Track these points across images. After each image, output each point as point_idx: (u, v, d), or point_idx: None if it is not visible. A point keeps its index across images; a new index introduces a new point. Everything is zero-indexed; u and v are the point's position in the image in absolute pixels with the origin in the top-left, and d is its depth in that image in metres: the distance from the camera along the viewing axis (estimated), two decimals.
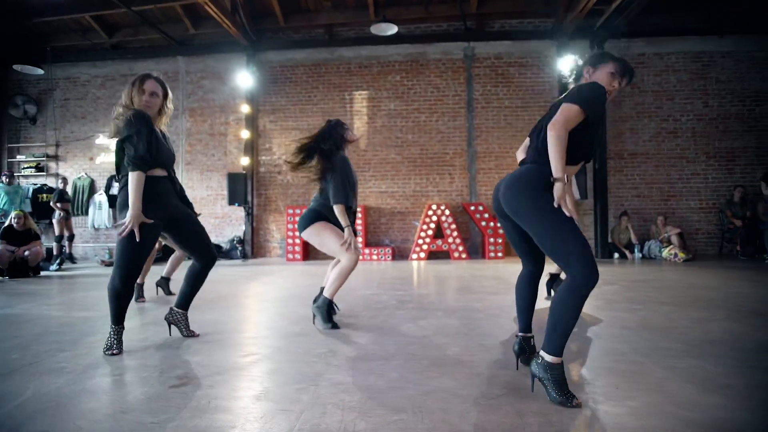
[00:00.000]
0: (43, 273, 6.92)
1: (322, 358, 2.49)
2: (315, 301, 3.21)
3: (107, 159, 9.40)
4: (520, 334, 2.23)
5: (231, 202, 8.60)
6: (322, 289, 3.27)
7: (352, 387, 2.07)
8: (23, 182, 9.42)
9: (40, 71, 8.84)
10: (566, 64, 8.33)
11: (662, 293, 4.35)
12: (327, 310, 3.12)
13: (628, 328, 2.98)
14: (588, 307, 3.66)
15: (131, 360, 2.45)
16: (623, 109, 8.67)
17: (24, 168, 9.58)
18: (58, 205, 8.31)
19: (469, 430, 1.62)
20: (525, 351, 2.20)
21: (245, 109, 8.92)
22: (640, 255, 7.95)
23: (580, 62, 2.32)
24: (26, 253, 6.57)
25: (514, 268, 6.48)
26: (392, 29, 8.01)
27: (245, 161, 8.89)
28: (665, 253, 7.60)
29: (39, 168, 9.58)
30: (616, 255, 8.03)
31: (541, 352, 1.82)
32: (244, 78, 8.77)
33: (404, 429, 1.65)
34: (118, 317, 2.55)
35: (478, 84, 8.86)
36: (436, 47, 8.89)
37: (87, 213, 9.39)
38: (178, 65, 9.32)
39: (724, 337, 2.79)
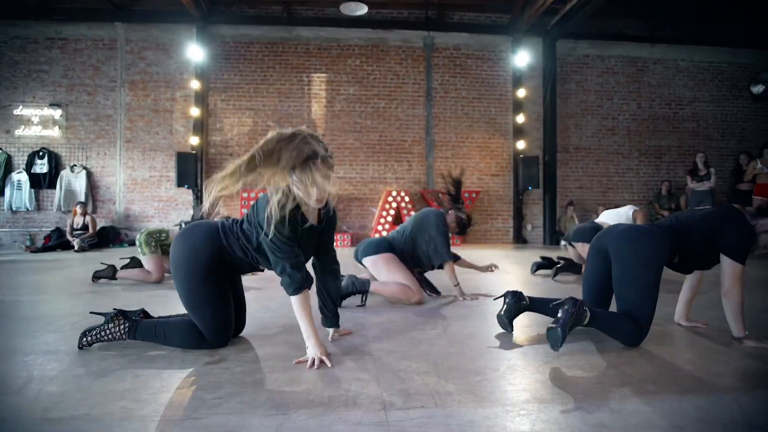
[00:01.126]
0: None
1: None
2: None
3: (29, 132, 8.32)
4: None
5: (180, 184, 7.99)
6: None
7: (410, 354, 2.02)
8: None
9: None
10: (520, 59, 8.71)
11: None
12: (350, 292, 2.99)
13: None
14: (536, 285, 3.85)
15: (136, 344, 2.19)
16: (569, 105, 9.23)
17: None
18: None
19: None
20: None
21: (195, 85, 8.31)
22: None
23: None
24: None
25: (471, 252, 6.70)
26: (362, 9, 7.86)
27: (194, 141, 8.30)
28: None
29: None
30: (563, 242, 8.56)
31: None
32: (195, 51, 8.17)
33: (494, 388, 1.63)
34: None
35: (437, 74, 8.97)
36: (396, 34, 8.86)
37: (2, 194, 8.27)
38: (116, 32, 8.45)
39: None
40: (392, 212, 8.35)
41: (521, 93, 8.83)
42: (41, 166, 8.32)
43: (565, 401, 1.52)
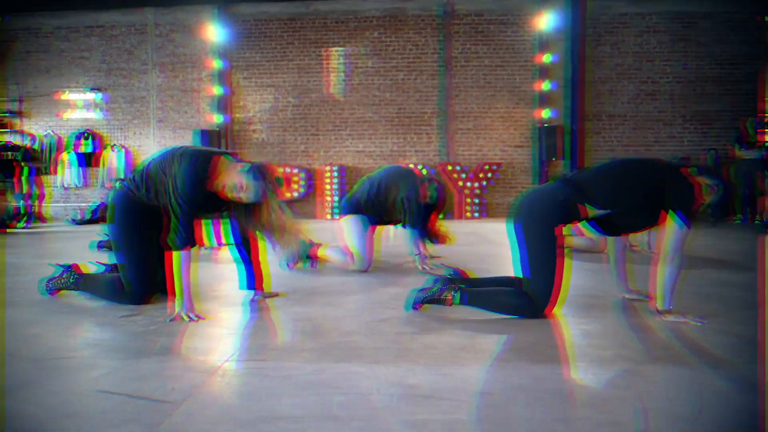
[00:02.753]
0: (9, 231, 6.71)
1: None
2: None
3: (75, 116, 9.04)
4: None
5: None
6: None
7: (310, 317, 2.06)
8: None
9: None
10: (546, 22, 8.20)
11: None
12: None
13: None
14: None
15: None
16: (603, 70, 8.59)
17: None
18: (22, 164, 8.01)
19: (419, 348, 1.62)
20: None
21: (217, 64, 8.60)
22: None
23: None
24: None
25: (493, 226, 6.54)
26: None
27: (218, 119, 8.64)
28: None
29: (2, 125, 9.16)
30: None
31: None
32: (215, 32, 8.42)
33: (352, 348, 1.64)
34: None
35: (457, 42, 8.65)
36: (415, 2, 8.60)
37: (55, 172, 9.09)
38: (146, 17, 8.88)
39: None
40: None
41: (547, 58, 8.34)
42: (86, 146, 9.03)
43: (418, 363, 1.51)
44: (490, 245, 4.15)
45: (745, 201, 7.43)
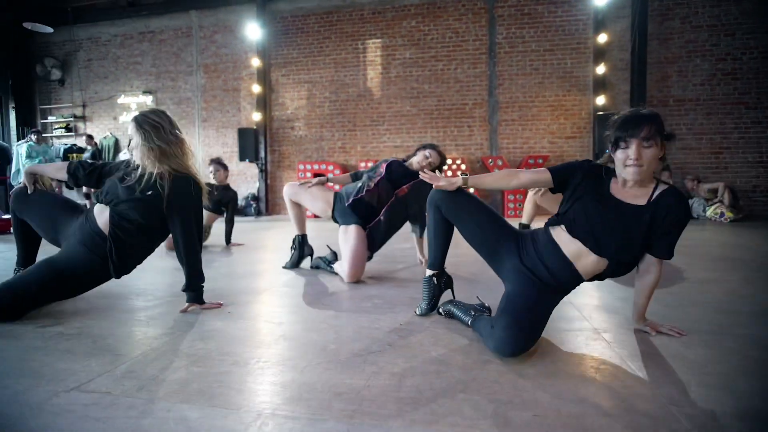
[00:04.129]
0: None
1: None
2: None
3: (129, 118, 9.53)
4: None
5: (242, 158, 8.50)
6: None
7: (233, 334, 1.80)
8: (56, 142, 9.81)
9: (50, 29, 8.91)
10: None
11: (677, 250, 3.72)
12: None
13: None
14: None
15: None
16: (670, 48, 7.56)
17: (55, 129, 9.95)
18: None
19: None
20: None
21: (256, 62, 8.65)
22: None
23: None
24: None
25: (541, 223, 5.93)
26: None
27: (257, 117, 8.70)
28: (710, 212, 6.70)
29: (68, 128, 9.91)
30: None
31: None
32: (254, 30, 8.47)
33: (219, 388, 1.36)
34: None
35: (501, 27, 8.03)
36: None
37: None
38: (191, 20, 9.15)
39: (722, 298, 2.26)
40: None
41: (603, 38, 7.48)
42: None
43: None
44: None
45: None
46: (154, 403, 1.20)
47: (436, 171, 3.19)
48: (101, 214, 2.11)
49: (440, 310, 1.95)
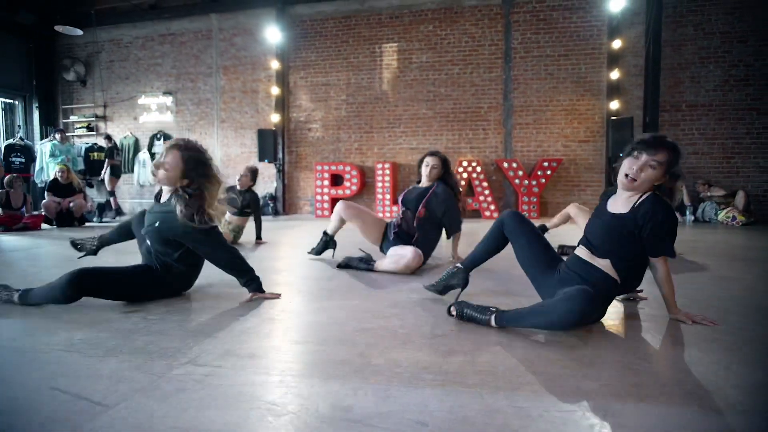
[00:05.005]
0: (87, 224, 7.35)
1: (278, 303, 2.43)
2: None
3: (149, 119, 9.75)
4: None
5: (261, 159, 8.68)
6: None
7: (290, 323, 1.98)
8: (77, 141, 10.03)
9: (80, 32, 9.12)
10: (617, 4, 7.51)
11: (695, 252, 3.88)
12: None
13: None
14: None
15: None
16: (684, 55, 7.70)
17: (77, 128, 10.16)
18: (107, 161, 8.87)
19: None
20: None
21: (275, 65, 8.84)
22: (692, 218, 7.21)
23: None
24: (71, 204, 7.01)
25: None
26: None
27: (275, 118, 8.88)
28: (722, 215, 6.84)
29: (90, 128, 10.12)
30: None
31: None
32: (274, 33, 8.66)
33: (314, 361, 1.54)
34: None
35: (516, 32, 8.19)
36: None
37: (133, 171, 9.87)
38: (211, 23, 9.35)
39: (743, 294, 2.42)
40: (462, 183, 7.97)
41: (617, 44, 7.63)
42: (159, 147, 9.70)
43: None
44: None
45: None
46: (257, 374, 1.38)
47: (443, 171, 3.45)
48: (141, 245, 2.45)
49: (452, 311, 1.95)
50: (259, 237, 4.78)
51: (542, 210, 7.98)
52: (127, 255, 3.07)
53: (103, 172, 8.99)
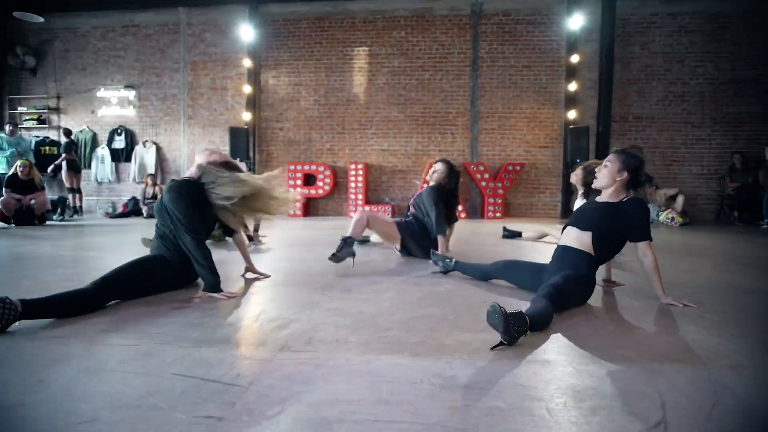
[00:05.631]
0: (48, 223, 7.01)
1: (319, 291, 2.61)
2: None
3: (109, 112, 9.37)
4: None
5: (233, 157, 8.59)
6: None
7: (346, 312, 2.18)
8: (25, 134, 9.43)
9: (41, 19, 8.64)
10: (575, 22, 8.16)
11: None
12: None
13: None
14: None
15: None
16: (631, 71, 8.50)
17: (26, 120, 9.56)
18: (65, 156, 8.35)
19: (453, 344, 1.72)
20: None
21: (247, 63, 8.80)
22: None
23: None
24: (32, 201, 6.67)
25: (515, 226, 6.55)
26: None
27: (247, 116, 8.84)
28: (662, 216, 7.64)
29: (41, 120, 9.56)
30: None
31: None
32: (246, 31, 8.62)
33: (391, 342, 1.75)
34: None
35: (484, 42, 8.67)
36: (443, 2, 8.65)
37: (90, 167, 9.43)
38: (180, 17, 9.13)
39: (708, 283, 2.88)
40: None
41: (575, 59, 8.30)
42: (119, 142, 9.36)
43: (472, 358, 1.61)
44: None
45: None
46: (366, 354, 1.60)
47: (447, 176, 3.82)
48: None
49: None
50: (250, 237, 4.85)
51: (506, 210, 8.50)
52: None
53: (51, 168, 8.36)
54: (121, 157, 9.35)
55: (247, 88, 8.84)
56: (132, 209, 8.64)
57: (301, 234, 5.84)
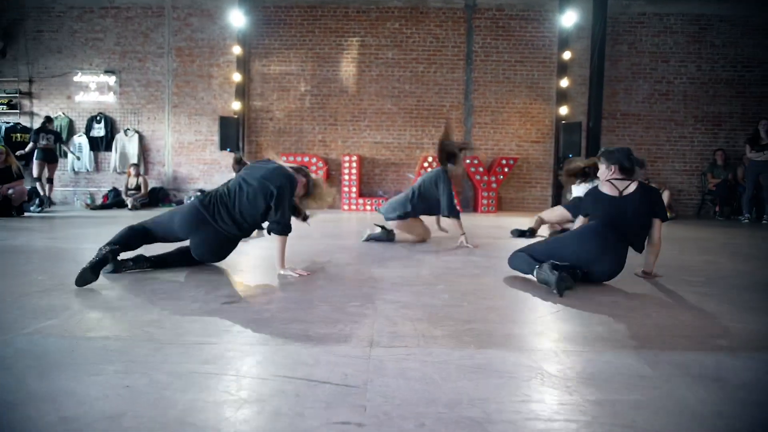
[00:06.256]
0: (26, 214, 6.60)
1: (366, 283, 2.55)
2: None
3: (87, 98, 8.89)
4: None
5: (222, 148, 8.33)
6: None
7: (410, 305, 2.13)
8: None
9: None
10: (567, 19, 8.27)
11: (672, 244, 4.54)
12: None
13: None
14: None
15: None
16: (619, 69, 8.71)
17: None
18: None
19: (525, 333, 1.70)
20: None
21: (237, 50, 8.51)
22: None
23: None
24: (10, 191, 6.26)
25: (506, 220, 6.62)
26: None
27: (236, 106, 8.57)
28: None
29: (11, 105, 8.97)
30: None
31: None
32: (237, 17, 8.32)
33: (480, 334, 1.72)
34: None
35: (478, 36, 8.69)
36: None
37: (66, 156, 8.93)
38: (164, 0, 8.73)
39: (696, 265, 2.98)
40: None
41: (567, 55, 8.42)
42: (98, 130, 8.90)
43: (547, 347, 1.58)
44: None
45: (751, 201, 7.65)
46: (433, 350, 1.55)
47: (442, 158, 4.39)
48: None
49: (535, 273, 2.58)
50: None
51: (499, 205, 8.58)
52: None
53: (18, 153, 7.64)
54: (100, 145, 8.89)
55: (237, 77, 8.55)
56: (113, 201, 8.25)
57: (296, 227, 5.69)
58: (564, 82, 8.47)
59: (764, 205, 7.55)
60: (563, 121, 8.37)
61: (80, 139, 8.92)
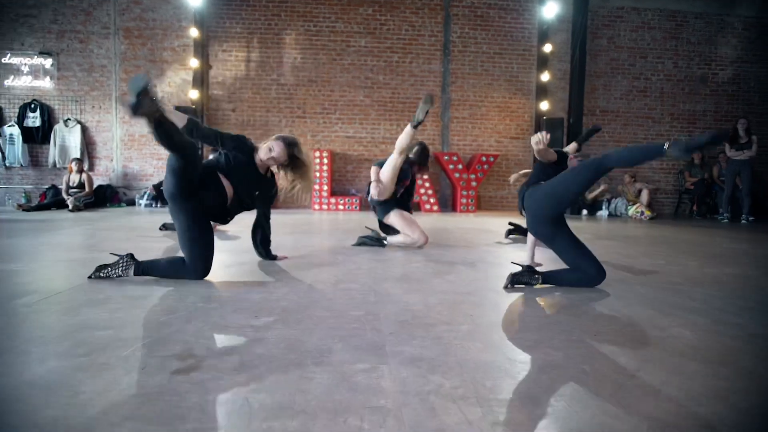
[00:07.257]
0: None
1: (367, 321, 2.01)
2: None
3: (19, 83, 7.83)
4: None
5: None
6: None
7: (439, 363, 1.60)
8: None
9: None
10: (548, 10, 7.95)
11: (657, 247, 4.23)
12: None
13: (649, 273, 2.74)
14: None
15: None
16: (598, 64, 8.48)
17: None
18: None
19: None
20: None
21: (194, 33, 7.69)
22: (607, 213, 8.02)
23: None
24: None
25: (483, 220, 6.22)
26: None
27: (194, 95, 7.76)
28: (632, 211, 7.71)
29: None
30: (585, 211, 8.05)
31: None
32: None
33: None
34: None
35: (456, 25, 8.23)
36: None
37: None
38: None
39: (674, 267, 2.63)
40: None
41: (547, 48, 8.11)
42: (33, 120, 7.87)
43: None
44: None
45: (729, 200, 7.60)
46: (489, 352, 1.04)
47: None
48: None
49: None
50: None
51: (479, 204, 8.20)
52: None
53: None
54: (36, 137, 7.86)
55: (194, 62, 7.73)
56: (52, 200, 7.29)
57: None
58: (545, 76, 8.15)
59: (741, 204, 7.51)
60: (545, 117, 8.05)
61: (11, 130, 7.85)
